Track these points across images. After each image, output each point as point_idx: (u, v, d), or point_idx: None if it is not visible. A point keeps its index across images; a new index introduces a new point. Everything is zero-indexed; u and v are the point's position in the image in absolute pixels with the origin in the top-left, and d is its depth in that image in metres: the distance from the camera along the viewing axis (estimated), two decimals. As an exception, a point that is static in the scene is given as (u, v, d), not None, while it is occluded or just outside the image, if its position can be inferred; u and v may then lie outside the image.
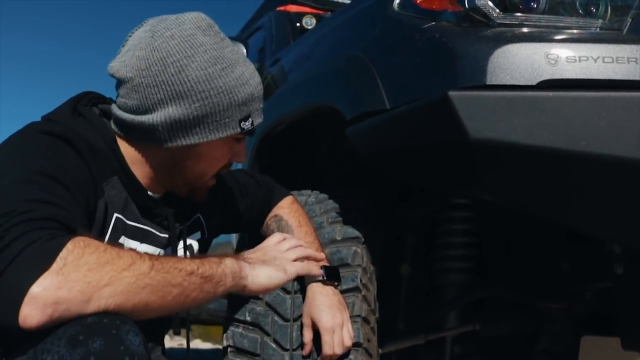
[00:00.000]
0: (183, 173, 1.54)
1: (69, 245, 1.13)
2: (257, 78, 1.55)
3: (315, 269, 1.63)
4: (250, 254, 1.52)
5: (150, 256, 1.24)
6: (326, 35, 2.25)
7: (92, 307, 1.12)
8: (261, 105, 1.57)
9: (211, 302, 1.36)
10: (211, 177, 1.58)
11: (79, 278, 1.11)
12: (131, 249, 1.30)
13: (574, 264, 2.06)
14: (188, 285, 1.26)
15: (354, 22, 2.04)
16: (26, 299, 1.07)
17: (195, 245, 1.69)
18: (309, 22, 3.31)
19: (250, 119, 1.52)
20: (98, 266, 1.13)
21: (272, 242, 1.59)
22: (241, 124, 1.51)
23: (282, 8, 3.68)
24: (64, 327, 1.09)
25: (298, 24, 3.36)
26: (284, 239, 1.62)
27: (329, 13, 3.50)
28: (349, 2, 3.08)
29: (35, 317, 1.07)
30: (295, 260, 1.57)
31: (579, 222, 1.51)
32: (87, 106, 1.52)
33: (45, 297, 1.07)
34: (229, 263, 1.39)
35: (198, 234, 1.70)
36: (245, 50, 2.98)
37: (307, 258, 1.62)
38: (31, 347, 1.11)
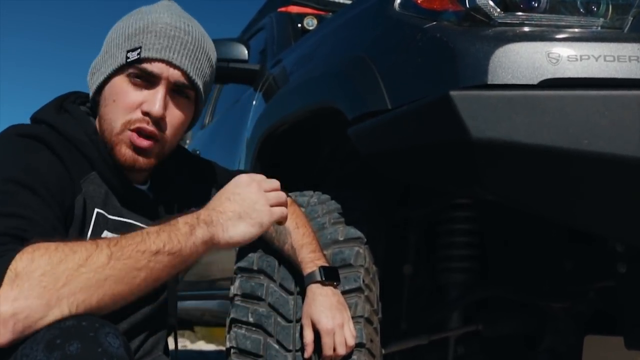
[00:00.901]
0: (102, 124, 1.50)
1: (17, 255, 1.11)
2: (166, 19, 1.49)
3: (285, 212, 1.46)
4: (223, 205, 1.37)
5: (110, 243, 1.20)
6: (327, 35, 2.25)
7: (55, 310, 1.10)
8: (165, 42, 1.46)
9: (185, 271, 1.33)
10: (126, 127, 1.47)
11: (34, 285, 1.09)
12: (90, 240, 1.25)
13: (577, 263, 2.06)
14: (155, 266, 1.22)
15: (355, 22, 2.03)
16: None
17: None
18: (310, 23, 3.31)
19: (139, 50, 1.46)
20: (51, 268, 1.11)
21: (253, 190, 1.41)
22: (127, 54, 1.46)
23: (283, 9, 3.68)
24: (43, 331, 1.09)
25: (299, 25, 3.36)
26: (260, 181, 1.45)
27: (330, 14, 3.50)
28: (350, 2, 3.09)
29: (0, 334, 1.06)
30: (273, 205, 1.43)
31: (581, 221, 1.50)
32: (74, 104, 1.55)
33: (2, 313, 1.06)
34: (200, 233, 1.31)
35: None
36: (247, 52, 2.98)
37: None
38: (13, 352, 1.10)
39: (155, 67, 1.46)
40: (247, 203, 1.39)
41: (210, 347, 8.85)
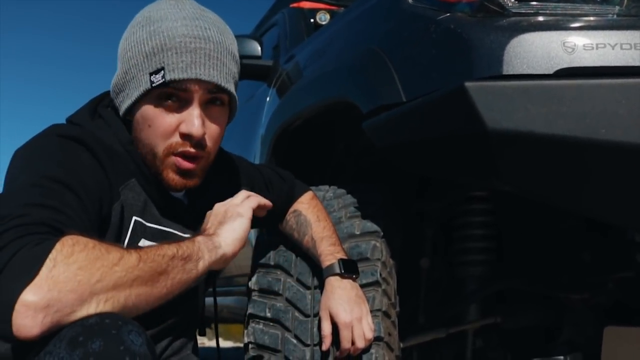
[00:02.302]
0: (142, 149, 1.47)
1: (58, 245, 1.11)
2: (183, 30, 1.42)
3: (264, 198, 1.62)
4: (205, 225, 1.50)
5: (135, 249, 1.24)
6: (340, 30, 2.25)
7: (85, 306, 1.10)
8: (188, 59, 1.40)
9: (195, 281, 1.35)
10: (170, 152, 1.45)
11: (70, 277, 1.09)
12: (117, 244, 1.27)
13: (595, 254, 2.04)
14: (172, 269, 1.26)
15: (368, 16, 2.03)
16: (17, 309, 1.04)
17: None
18: (323, 18, 3.30)
19: (162, 72, 1.40)
20: (88, 263, 1.11)
21: (217, 207, 1.54)
22: (151, 78, 1.41)
23: (295, 4, 3.68)
24: (67, 328, 1.08)
25: (312, 20, 3.36)
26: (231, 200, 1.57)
27: (342, 8, 3.49)
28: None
29: (28, 326, 1.05)
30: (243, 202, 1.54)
31: (598, 211, 1.50)
32: (108, 107, 1.53)
33: (35, 303, 1.05)
34: (201, 239, 1.39)
35: None
36: (260, 48, 2.98)
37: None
38: (39, 349, 1.10)
39: (184, 87, 1.41)
40: (228, 209, 1.52)
41: (228, 343, 8.87)
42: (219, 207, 1.53)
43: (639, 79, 1.40)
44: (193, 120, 1.42)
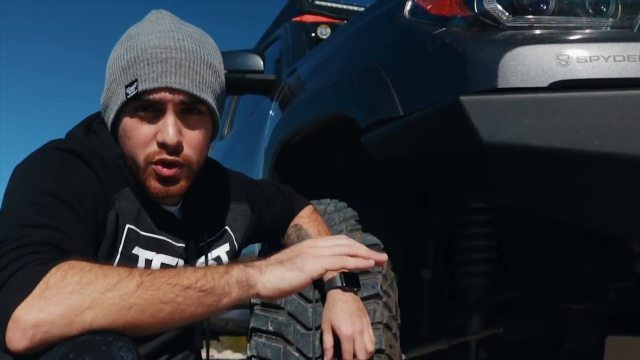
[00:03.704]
0: (127, 161, 1.48)
1: (53, 269, 1.12)
2: (155, 42, 1.43)
3: (351, 261, 1.41)
4: (272, 256, 1.38)
5: (142, 272, 1.19)
6: (340, 44, 2.27)
7: (75, 330, 1.11)
8: (158, 68, 1.41)
9: (218, 314, 1.32)
10: (149, 161, 1.46)
11: (60, 301, 1.10)
12: (126, 267, 1.23)
13: (596, 264, 2.05)
14: (183, 301, 1.20)
15: (367, 30, 2.05)
16: (10, 323, 1.08)
17: (224, 257, 1.69)
18: (324, 32, 3.33)
19: (135, 83, 1.41)
20: (80, 288, 1.12)
21: (306, 242, 1.44)
22: (126, 90, 1.43)
23: (297, 18, 3.71)
24: (58, 346, 1.10)
25: (313, 34, 3.38)
26: (328, 239, 1.48)
27: (344, 22, 3.52)
28: (362, 9, 3.10)
29: (17, 340, 1.08)
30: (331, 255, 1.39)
31: (596, 222, 1.50)
32: (102, 124, 1.55)
33: (25, 321, 1.08)
34: (236, 272, 1.29)
35: (227, 246, 1.70)
36: (262, 62, 3.00)
37: (352, 255, 1.41)
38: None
39: (156, 97, 1.42)
40: (294, 252, 1.38)
41: (237, 356, 8.87)
42: (304, 244, 1.42)
43: (632, 91, 1.41)
44: (167, 128, 1.43)
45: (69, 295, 1.11)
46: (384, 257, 1.45)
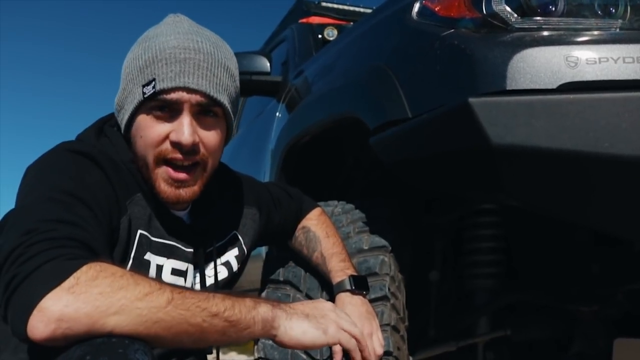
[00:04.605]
0: (138, 162, 1.48)
1: (84, 267, 1.12)
2: (174, 42, 1.43)
3: (358, 354, 1.49)
4: (298, 304, 1.44)
5: (173, 289, 1.19)
6: (347, 46, 2.26)
7: (96, 332, 1.11)
8: (177, 68, 1.41)
9: (233, 344, 1.33)
10: (160, 160, 1.45)
11: (88, 300, 1.10)
12: (158, 280, 1.25)
13: (604, 266, 2.04)
14: (208, 327, 1.20)
15: (374, 32, 2.05)
16: (34, 311, 1.08)
17: (234, 262, 1.68)
18: (331, 34, 3.33)
19: (153, 82, 1.41)
20: (111, 291, 1.12)
21: (329, 305, 1.49)
22: (143, 90, 1.42)
23: (304, 20, 3.71)
24: (75, 347, 1.10)
25: (320, 36, 3.38)
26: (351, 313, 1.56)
27: (351, 23, 3.52)
28: (370, 11, 3.10)
29: (39, 329, 1.08)
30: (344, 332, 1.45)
31: (604, 224, 1.50)
32: (114, 127, 1.55)
33: (51, 312, 1.08)
34: (263, 310, 1.31)
35: (236, 250, 1.70)
36: (269, 64, 3.00)
37: (357, 340, 1.48)
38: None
39: (173, 97, 1.42)
40: (320, 312, 1.43)
41: (242, 357, 8.85)
42: (328, 307, 1.46)
43: (641, 93, 1.41)
44: (183, 128, 1.43)
45: (98, 296, 1.11)
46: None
